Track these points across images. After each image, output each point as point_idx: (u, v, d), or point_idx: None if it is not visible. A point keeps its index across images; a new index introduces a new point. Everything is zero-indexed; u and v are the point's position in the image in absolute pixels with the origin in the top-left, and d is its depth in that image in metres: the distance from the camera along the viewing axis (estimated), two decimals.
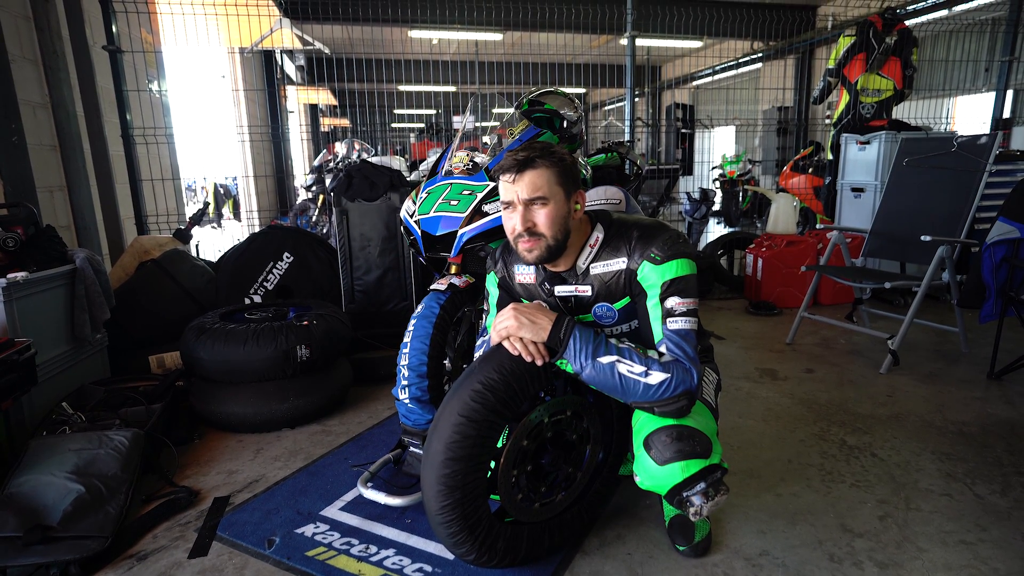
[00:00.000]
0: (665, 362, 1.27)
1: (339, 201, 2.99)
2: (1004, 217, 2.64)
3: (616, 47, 9.62)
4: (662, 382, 1.25)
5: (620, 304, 1.41)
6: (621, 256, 1.37)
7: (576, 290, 1.44)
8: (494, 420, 1.30)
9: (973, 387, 2.62)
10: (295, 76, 9.80)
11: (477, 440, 1.29)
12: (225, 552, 1.59)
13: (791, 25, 6.79)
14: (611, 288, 1.39)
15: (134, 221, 3.76)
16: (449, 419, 1.30)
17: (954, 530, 1.63)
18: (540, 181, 1.31)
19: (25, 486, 1.65)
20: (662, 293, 1.31)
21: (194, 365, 2.32)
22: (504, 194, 1.37)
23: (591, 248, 1.40)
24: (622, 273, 1.37)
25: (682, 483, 1.28)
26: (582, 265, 1.41)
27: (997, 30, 5.66)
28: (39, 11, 3.06)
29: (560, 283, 1.45)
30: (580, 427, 1.49)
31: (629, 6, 4.35)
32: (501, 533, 1.40)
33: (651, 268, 1.32)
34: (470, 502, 1.31)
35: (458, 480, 1.29)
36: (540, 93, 2.45)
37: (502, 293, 1.58)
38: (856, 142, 4.30)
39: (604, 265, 1.39)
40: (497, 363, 1.33)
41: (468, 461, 1.29)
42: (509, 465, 1.38)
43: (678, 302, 1.30)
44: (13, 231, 2.19)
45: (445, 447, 1.28)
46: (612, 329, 1.46)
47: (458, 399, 1.31)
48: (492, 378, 1.31)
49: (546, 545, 1.50)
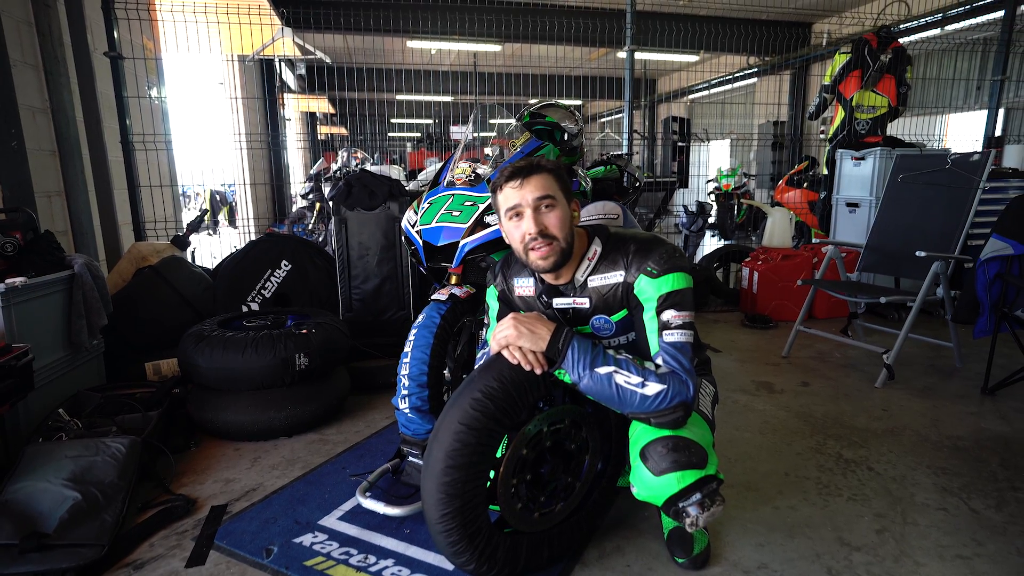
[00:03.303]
0: (662, 374, 1.29)
1: (338, 210, 3.00)
2: (997, 234, 2.67)
3: (613, 60, 9.71)
4: (658, 393, 1.26)
5: (617, 317, 1.43)
6: (619, 269, 1.39)
7: (574, 302, 1.45)
8: (493, 428, 1.31)
9: (967, 402, 2.64)
10: (294, 85, 9.83)
11: (477, 448, 1.29)
12: (223, 561, 1.57)
13: (787, 41, 6.88)
14: (608, 301, 1.41)
15: (132, 227, 3.75)
16: (449, 427, 1.31)
17: (951, 544, 1.64)
18: (546, 183, 1.35)
19: (20, 493, 1.63)
20: (658, 306, 1.33)
21: (192, 372, 2.31)
22: (508, 202, 1.38)
23: (589, 261, 1.42)
24: (619, 286, 1.39)
25: (678, 494, 1.28)
26: (580, 278, 1.43)
27: (989, 50, 5.75)
28: (41, 16, 3.07)
29: (558, 295, 1.47)
30: (579, 437, 1.50)
31: (629, 20, 4.40)
32: (501, 543, 1.40)
33: (648, 281, 1.34)
34: (470, 511, 1.31)
35: (458, 488, 1.29)
36: (541, 106, 2.48)
37: (502, 306, 1.60)
38: (851, 157, 4.35)
39: (601, 278, 1.41)
40: (497, 372, 1.33)
41: (468, 469, 1.29)
42: (508, 474, 1.38)
43: (674, 315, 1.32)
44: (12, 236, 2.18)
45: (445, 455, 1.29)
46: (610, 341, 1.48)
47: (458, 407, 1.32)
48: (492, 386, 1.31)
49: (545, 555, 1.50)
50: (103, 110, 3.54)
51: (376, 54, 8.41)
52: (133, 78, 3.69)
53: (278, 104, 8.10)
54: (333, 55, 7.05)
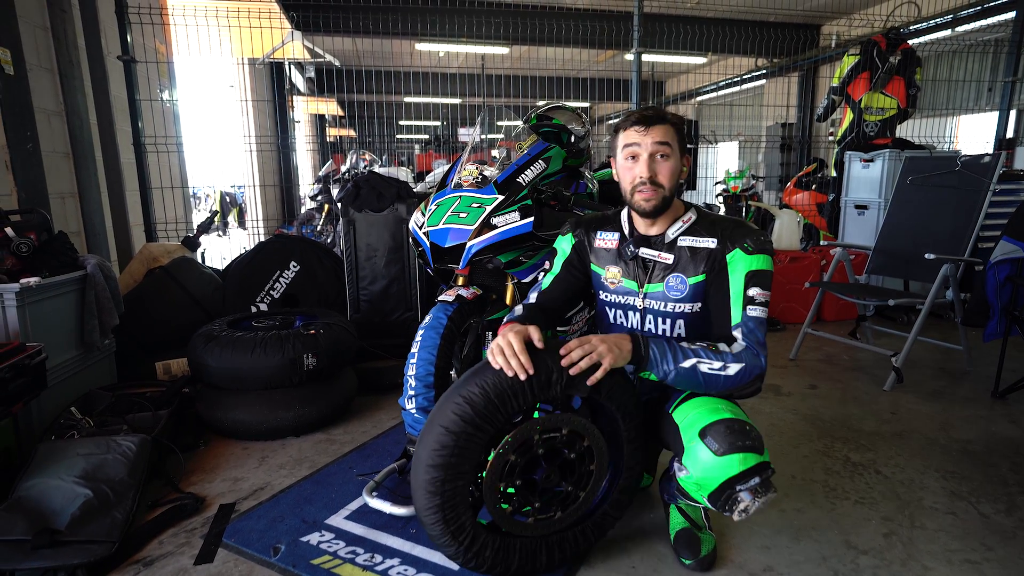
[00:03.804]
0: (736, 352, 1.38)
1: (346, 211, 3.02)
2: (1008, 236, 2.65)
3: (620, 62, 9.70)
4: (739, 371, 1.36)
5: (694, 280, 1.47)
6: (713, 237, 1.47)
7: (659, 256, 1.51)
8: (472, 434, 1.31)
9: (977, 406, 2.62)
10: (303, 87, 9.90)
11: (455, 451, 1.31)
12: (231, 559, 1.59)
13: (795, 43, 6.86)
14: (694, 262, 1.47)
15: (143, 228, 3.79)
16: (431, 429, 1.33)
17: (959, 549, 1.63)
18: (669, 134, 1.43)
19: (33, 490, 1.66)
20: (747, 281, 1.42)
21: (201, 372, 2.34)
22: (628, 141, 1.46)
23: (683, 223, 1.50)
24: (709, 252, 1.46)
25: (737, 476, 1.29)
26: (671, 235, 1.50)
27: (1000, 51, 5.70)
28: (57, 21, 3.11)
29: (647, 245, 1.52)
30: (579, 446, 1.45)
31: (636, 23, 4.40)
32: (489, 543, 1.41)
33: (741, 255, 1.43)
34: (450, 509, 1.34)
35: (437, 487, 1.32)
36: (548, 108, 2.49)
37: (573, 255, 1.64)
38: (860, 160, 4.33)
39: (693, 240, 1.49)
40: (480, 379, 1.33)
41: (447, 470, 1.31)
42: (494, 477, 1.38)
43: (759, 292, 1.41)
44: (26, 237, 2.21)
45: (427, 454, 1.32)
46: (675, 306, 1.50)
47: (442, 411, 1.34)
48: (473, 393, 1.32)
49: (544, 561, 1.48)
50: (116, 113, 3.59)
51: (385, 57, 8.46)
52: (145, 81, 3.74)
53: (287, 106, 8.16)
54: (342, 58, 7.09)
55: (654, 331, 1.54)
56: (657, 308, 1.51)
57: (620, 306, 1.57)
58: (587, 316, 2.19)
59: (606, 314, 1.62)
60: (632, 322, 1.56)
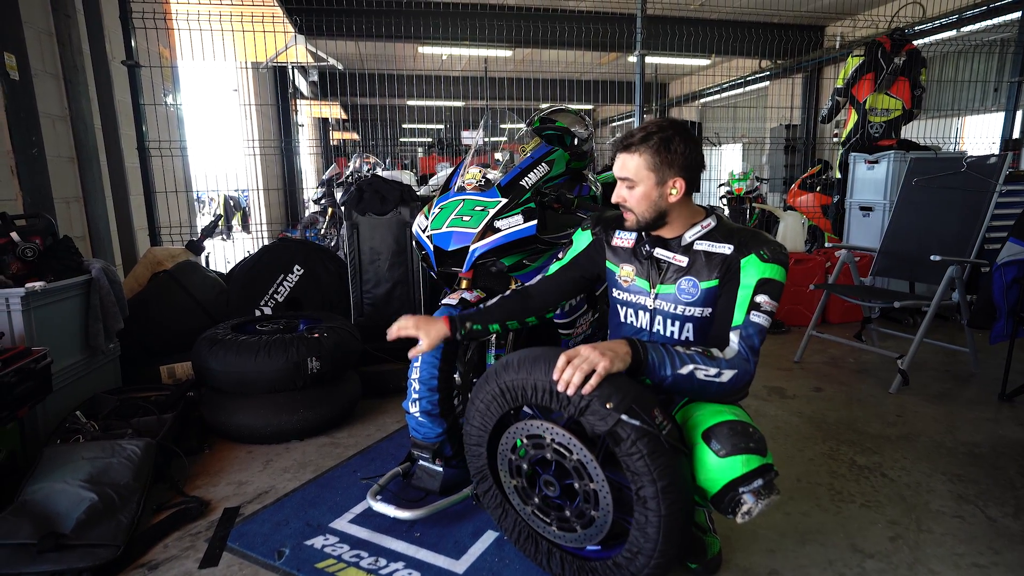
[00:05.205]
0: (730, 358, 1.38)
1: (350, 214, 3.02)
2: (1015, 238, 2.64)
3: (624, 64, 9.70)
4: (731, 377, 1.37)
5: (707, 284, 1.48)
6: (730, 243, 1.47)
7: (674, 257, 1.52)
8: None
9: (984, 408, 2.60)
10: (307, 91, 9.93)
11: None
12: (235, 563, 1.59)
13: (799, 44, 6.84)
14: (708, 267, 1.48)
15: (147, 232, 3.81)
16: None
17: (966, 552, 1.61)
18: (636, 165, 1.45)
19: (39, 494, 1.66)
20: (756, 287, 1.42)
21: (205, 376, 2.34)
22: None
23: (702, 228, 1.51)
24: (724, 258, 1.47)
25: (740, 477, 1.29)
26: (688, 238, 1.51)
27: (1006, 51, 5.68)
28: (61, 26, 3.13)
29: (663, 247, 1.53)
30: (570, 460, 1.37)
31: (639, 25, 4.39)
32: (493, 492, 1.55)
33: (756, 261, 1.43)
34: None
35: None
36: (551, 111, 2.49)
37: (589, 248, 1.66)
38: (865, 161, 4.31)
39: (709, 245, 1.49)
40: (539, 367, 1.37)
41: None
42: (505, 447, 1.48)
43: (766, 300, 1.42)
44: (31, 241, 2.22)
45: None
46: (685, 310, 1.50)
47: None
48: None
49: (532, 551, 1.52)
50: (120, 117, 3.60)
51: (388, 60, 8.48)
52: (150, 85, 3.75)
53: (291, 110, 8.19)
54: (345, 61, 7.11)
55: (662, 332, 1.53)
56: (667, 310, 1.51)
57: (631, 305, 1.58)
58: (591, 319, 2.19)
59: (617, 312, 1.62)
60: (641, 322, 1.56)
